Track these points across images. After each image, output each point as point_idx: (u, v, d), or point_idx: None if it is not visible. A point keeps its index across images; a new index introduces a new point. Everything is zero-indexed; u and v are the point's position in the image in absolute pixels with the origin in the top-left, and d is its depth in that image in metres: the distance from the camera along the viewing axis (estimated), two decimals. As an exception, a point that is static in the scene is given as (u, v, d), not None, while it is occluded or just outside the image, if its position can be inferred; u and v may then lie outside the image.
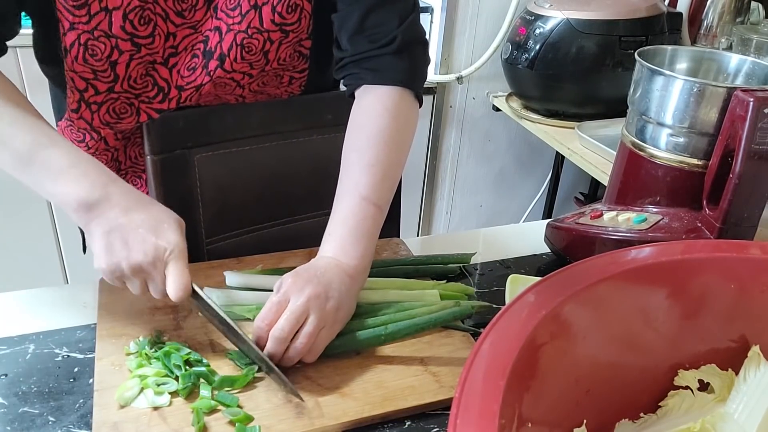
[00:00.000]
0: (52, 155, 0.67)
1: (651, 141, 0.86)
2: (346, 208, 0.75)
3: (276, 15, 0.80)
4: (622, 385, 0.58)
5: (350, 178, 0.77)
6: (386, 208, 0.78)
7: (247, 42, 0.81)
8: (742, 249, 0.61)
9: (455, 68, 2.02)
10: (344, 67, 0.84)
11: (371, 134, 0.78)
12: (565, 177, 2.24)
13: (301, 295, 0.67)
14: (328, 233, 0.75)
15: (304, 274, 0.69)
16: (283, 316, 0.66)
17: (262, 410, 0.63)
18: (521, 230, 1.13)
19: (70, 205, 0.66)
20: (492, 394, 0.41)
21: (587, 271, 0.55)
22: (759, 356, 0.59)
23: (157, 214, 0.67)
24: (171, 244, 0.65)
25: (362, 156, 0.77)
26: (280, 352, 0.66)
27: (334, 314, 0.68)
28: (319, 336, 0.67)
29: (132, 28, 0.77)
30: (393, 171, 0.79)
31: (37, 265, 1.82)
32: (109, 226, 0.65)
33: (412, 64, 0.82)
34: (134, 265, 0.64)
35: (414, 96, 0.83)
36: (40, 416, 0.63)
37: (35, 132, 0.68)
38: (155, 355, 0.67)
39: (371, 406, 0.65)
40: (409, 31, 0.81)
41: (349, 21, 0.81)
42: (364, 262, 0.74)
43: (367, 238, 0.74)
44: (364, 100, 0.82)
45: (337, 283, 0.69)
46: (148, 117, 0.86)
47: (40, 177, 0.67)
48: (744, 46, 1.66)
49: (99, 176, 0.67)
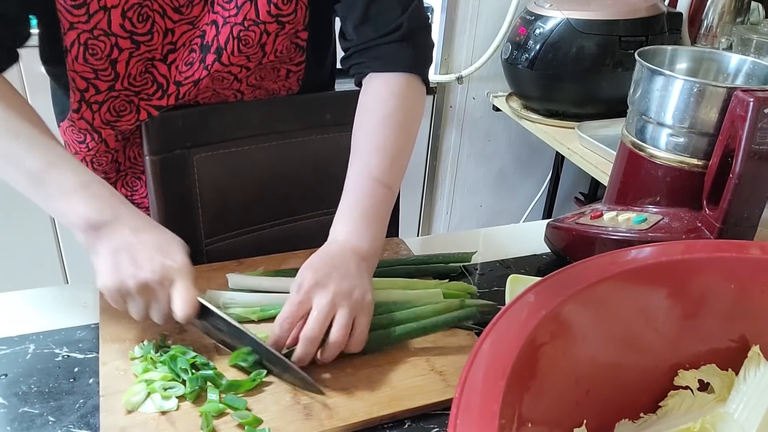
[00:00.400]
0: (64, 176, 0.67)
1: (651, 141, 0.86)
2: (358, 189, 0.76)
3: (272, 6, 0.80)
4: (622, 385, 0.58)
5: (359, 160, 0.78)
6: (396, 189, 0.79)
7: (243, 34, 0.81)
8: (742, 249, 0.61)
9: (455, 68, 2.02)
10: (350, 57, 0.85)
11: (380, 118, 0.79)
12: (565, 177, 2.24)
13: (326, 292, 0.66)
14: (340, 215, 0.75)
15: (323, 268, 0.68)
16: (312, 317, 0.66)
17: (270, 412, 0.63)
18: (521, 230, 1.13)
19: (78, 225, 0.66)
20: (492, 394, 0.41)
21: (587, 271, 0.55)
22: (759, 356, 0.59)
23: (163, 236, 0.68)
24: (178, 263, 0.66)
25: (371, 139, 0.78)
26: (311, 354, 0.66)
27: (362, 302, 0.68)
28: (357, 324, 0.67)
29: (131, 25, 0.77)
30: (403, 154, 0.80)
31: (37, 265, 1.82)
32: (117, 244, 0.65)
33: (417, 50, 0.83)
34: (141, 282, 0.64)
35: (421, 81, 0.84)
36: (40, 416, 0.63)
37: (49, 152, 0.69)
38: (161, 359, 0.67)
39: (379, 406, 0.65)
40: (413, 17, 0.82)
41: (354, 11, 0.82)
42: (376, 244, 0.74)
43: (379, 220, 0.75)
44: (371, 85, 0.83)
45: (356, 270, 0.69)
46: (148, 115, 0.86)
47: (50, 196, 0.68)
48: (744, 46, 1.66)
49: (109, 198, 0.68)
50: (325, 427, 0.62)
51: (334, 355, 0.67)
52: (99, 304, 0.76)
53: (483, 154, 2.22)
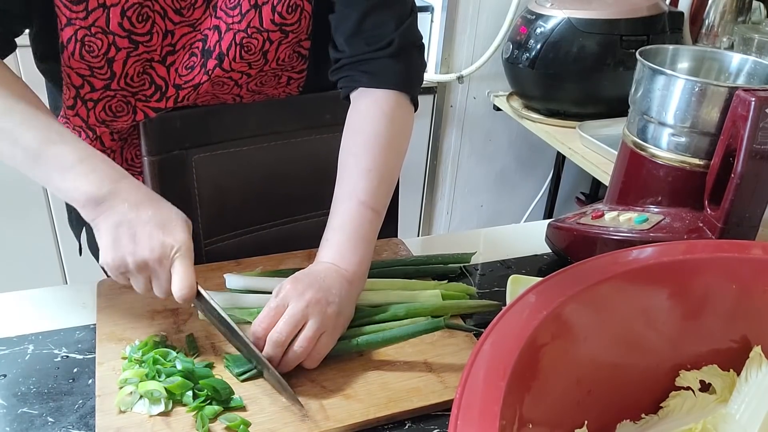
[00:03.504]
0: (62, 151, 0.67)
1: (652, 141, 0.86)
2: (344, 213, 0.75)
3: (276, 15, 0.80)
4: (623, 385, 0.58)
5: (347, 183, 0.77)
6: (383, 212, 0.78)
7: (246, 41, 0.81)
8: (743, 249, 0.60)
9: (456, 68, 2.02)
10: (340, 69, 0.84)
11: (368, 138, 0.78)
12: (566, 177, 2.24)
13: (301, 299, 0.67)
14: (326, 239, 0.75)
15: (305, 279, 0.69)
16: (282, 320, 0.66)
17: (266, 413, 0.63)
18: (522, 230, 1.12)
19: (78, 201, 0.66)
20: (493, 395, 0.41)
21: (588, 272, 0.55)
22: (760, 357, 0.59)
23: (165, 212, 0.67)
24: (178, 242, 0.65)
25: (359, 160, 0.77)
26: (278, 356, 0.66)
27: (334, 319, 0.68)
28: (320, 342, 0.67)
29: (130, 25, 0.77)
30: (390, 175, 0.79)
31: (36, 265, 1.82)
32: (117, 220, 0.65)
33: (408, 68, 0.82)
34: (140, 261, 0.64)
35: (410, 100, 0.83)
36: (39, 417, 0.62)
37: (45, 129, 0.68)
38: (142, 360, 0.66)
39: (376, 407, 0.65)
40: (406, 34, 0.81)
41: (347, 22, 0.81)
42: (362, 267, 0.74)
43: (365, 244, 0.74)
44: (360, 103, 0.81)
45: (337, 289, 0.69)
46: (145, 116, 0.85)
47: (49, 173, 0.67)
48: (745, 45, 1.66)
49: (108, 172, 0.67)
50: (321, 428, 0.62)
51: (291, 366, 0.67)
52: (96, 303, 0.76)
53: (484, 153, 2.22)
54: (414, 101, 0.84)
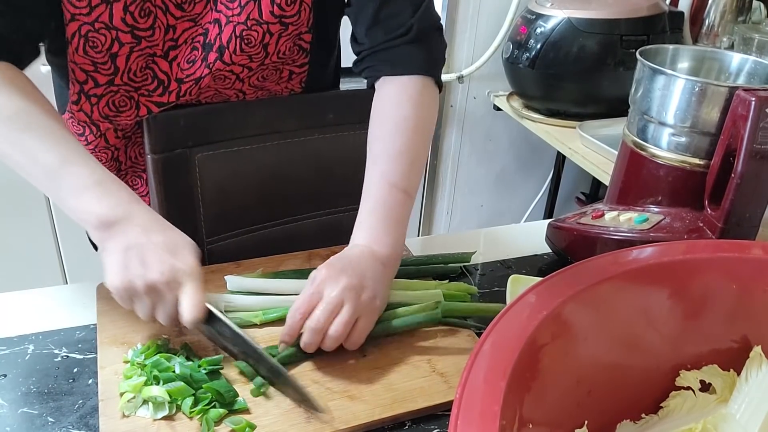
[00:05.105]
0: (79, 172, 0.67)
1: (652, 140, 0.86)
2: (376, 195, 0.76)
3: (275, 7, 0.80)
4: (623, 385, 0.58)
5: (378, 167, 0.78)
6: (414, 195, 0.79)
7: (246, 34, 0.81)
8: (744, 249, 0.60)
9: (456, 67, 2.02)
10: (362, 60, 0.85)
11: (395, 123, 0.79)
12: (567, 177, 2.24)
13: (336, 285, 0.67)
14: (359, 222, 0.76)
15: (338, 265, 0.70)
16: (319, 308, 0.67)
17: (271, 415, 0.63)
18: (522, 230, 1.12)
19: (90, 222, 0.66)
20: (493, 395, 0.41)
21: (588, 272, 0.55)
22: (761, 357, 0.59)
23: (174, 238, 0.68)
24: (187, 266, 0.65)
25: (388, 145, 0.78)
26: (315, 343, 0.67)
27: (370, 303, 0.69)
28: (357, 326, 0.68)
29: (132, 20, 0.77)
30: (420, 158, 0.80)
31: (36, 265, 1.82)
32: (127, 243, 0.65)
33: (429, 52, 0.83)
34: (149, 283, 0.64)
35: (434, 82, 0.84)
36: (39, 417, 0.62)
37: (65, 148, 0.69)
38: (144, 363, 0.66)
39: (381, 408, 0.65)
40: (423, 18, 0.82)
41: (364, 14, 0.82)
42: (396, 250, 0.75)
43: (398, 226, 0.75)
44: (385, 89, 0.83)
45: (371, 272, 0.70)
46: (148, 111, 0.86)
47: (64, 192, 0.68)
48: (746, 45, 1.66)
49: (122, 196, 0.68)
50: (326, 430, 0.62)
51: (333, 347, 0.68)
52: (97, 307, 0.76)
53: (484, 153, 2.21)
54: (438, 83, 0.85)
